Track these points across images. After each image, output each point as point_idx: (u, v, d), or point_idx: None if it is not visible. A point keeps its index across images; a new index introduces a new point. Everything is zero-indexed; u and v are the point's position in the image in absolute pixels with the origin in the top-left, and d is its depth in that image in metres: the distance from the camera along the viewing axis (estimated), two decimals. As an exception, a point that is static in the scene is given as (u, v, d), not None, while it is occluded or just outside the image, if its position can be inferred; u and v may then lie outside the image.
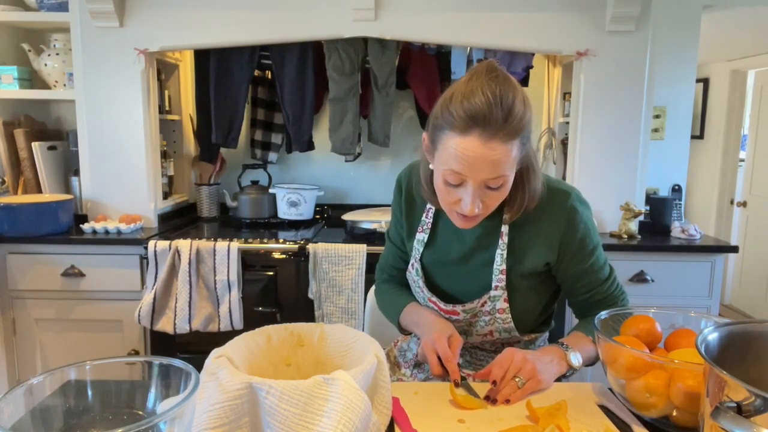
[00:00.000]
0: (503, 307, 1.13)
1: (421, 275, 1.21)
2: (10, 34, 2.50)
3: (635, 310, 1.05)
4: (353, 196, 2.90)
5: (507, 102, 0.92)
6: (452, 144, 0.95)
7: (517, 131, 0.94)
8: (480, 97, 0.92)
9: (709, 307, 2.24)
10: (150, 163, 2.41)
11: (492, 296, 1.13)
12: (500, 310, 1.13)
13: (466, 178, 0.96)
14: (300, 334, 1.01)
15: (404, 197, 1.25)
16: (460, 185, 0.98)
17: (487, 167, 0.94)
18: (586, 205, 1.15)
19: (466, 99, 0.93)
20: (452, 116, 0.94)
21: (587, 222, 1.13)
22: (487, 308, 1.14)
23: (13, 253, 2.19)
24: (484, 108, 0.91)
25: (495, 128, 0.91)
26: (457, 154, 0.94)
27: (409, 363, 1.27)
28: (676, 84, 2.71)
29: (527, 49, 2.37)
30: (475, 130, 0.92)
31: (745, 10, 2.95)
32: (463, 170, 0.95)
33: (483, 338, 1.19)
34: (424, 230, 1.21)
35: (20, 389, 0.70)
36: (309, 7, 2.29)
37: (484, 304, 1.14)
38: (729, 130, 4.38)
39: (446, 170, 0.97)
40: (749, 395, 0.64)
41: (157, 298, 2.11)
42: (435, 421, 0.93)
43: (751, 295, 4.32)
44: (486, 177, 0.95)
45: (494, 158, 0.93)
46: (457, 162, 0.95)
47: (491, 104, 0.91)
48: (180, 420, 0.66)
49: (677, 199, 2.69)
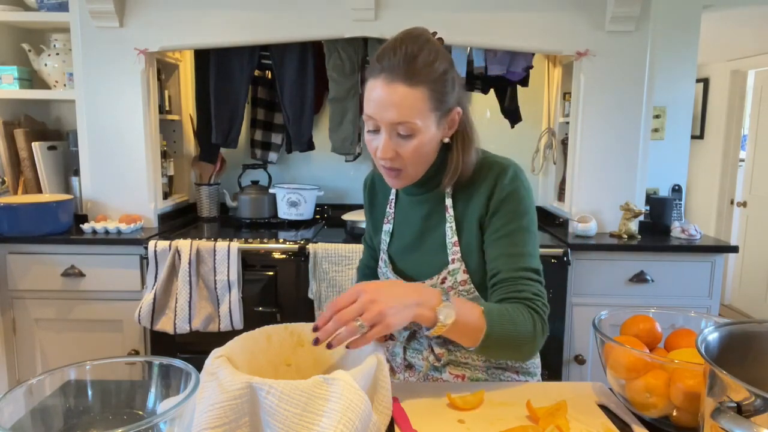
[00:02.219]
0: (464, 278, 1.13)
1: (389, 266, 1.23)
2: (10, 34, 2.50)
3: (635, 310, 1.05)
4: (353, 196, 2.90)
5: (412, 49, 0.99)
6: (366, 90, 1.03)
7: (422, 77, 0.99)
8: (389, 44, 1.01)
9: (709, 307, 2.24)
10: (150, 163, 2.41)
11: (451, 270, 1.13)
12: (462, 281, 1.13)
13: (378, 122, 1.02)
14: (300, 334, 1.01)
15: (368, 194, 1.31)
16: (377, 132, 1.04)
17: (391, 108, 0.99)
18: (520, 179, 1.10)
19: (380, 50, 1.02)
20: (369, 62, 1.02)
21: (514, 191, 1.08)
22: (449, 283, 1.13)
23: (13, 253, 2.19)
24: (389, 52, 1.00)
25: (396, 70, 0.98)
26: (368, 97, 1.03)
27: (399, 367, 1.27)
28: (676, 84, 2.71)
29: (527, 49, 2.37)
30: (381, 73, 1.00)
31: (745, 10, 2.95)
32: (372, 113, 1.02)
33: None
34: (389, 221, 1.24)
35: (20, 389, 0.70)
36: (309, 7, 2.29)
37: (444, 280, 1.14)
38: (729, 130, 4.38)
39: (364, 116, 1.05)
40: (749, 395, 0.64)
41: (157, 298, 2.11)
42: (435, 421, 0.93)
43: (751, 295, 4.32)
44: (392, 119, 1.00)
45: (396, 100, 0.99)
46: (368, 105, 1.03)
47: (396, 48, 0.99)
48: (180, 420, 0.66)
49: (677, 199, 2.69)
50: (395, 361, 1.28)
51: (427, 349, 1.20)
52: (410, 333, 1.27)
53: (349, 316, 0.87)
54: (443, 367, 1.19)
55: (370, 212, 1.32)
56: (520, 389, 1.06)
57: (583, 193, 2.41)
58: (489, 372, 1.20)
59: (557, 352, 2.23)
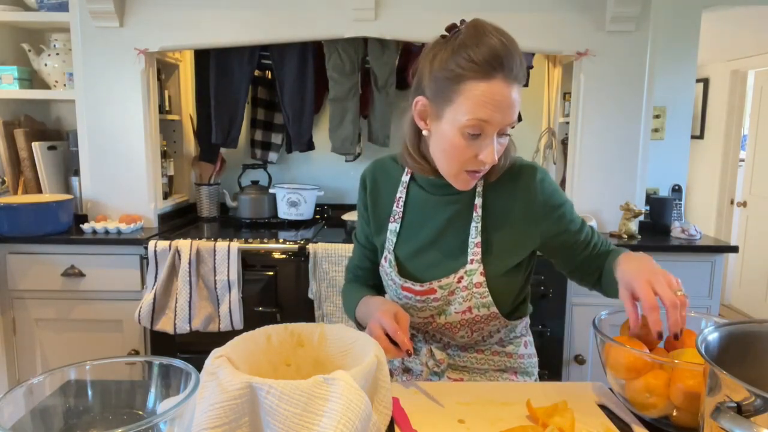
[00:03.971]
0: (480, 281, 1.11)
1: (394, 266, 1.18)
2: (10, 34, 2.50)
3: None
4: (353, 196, 2.90)
5: (516, 47, 0.97)
6: (478, 91, 0.95)
7: (523, 72, 0.98)
8: (496, 41, 0.95)
9: (709, 307, 2.24)
10: (150, 163, 2.41)
11: (468, 270, 1.11)
12: (477, 284, 1.11)
13: (487, 125, 0.97)
14: (300, 334, 1.01)
15: (369, 192, 1.24)
16: (476, 137, 0.99)
17: (510, 110, 0.97)
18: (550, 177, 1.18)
19: (484, 45, 0.95)
20: (473, 63, 0.95)
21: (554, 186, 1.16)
22: (464, 283, 1.12)
23: (13, 253, 2.19)
24: (504, 50, 0.95)
25: (514, 71, 0.96)
26: (485, 101, 0.95)
27: (397, 370, 1.26)
28: (676, 84, 2.71)
29: (527, 49, 2.37)
30: (499, 74, 0.95)
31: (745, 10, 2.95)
32: (490, 116, 0.96)
33: (461, 316, 1.15)
34: (396, 220, 1.19)
35: (20, 389, 0.70)
36: (309, 7, 2.29)
37: (460, 279, 1.12)
38: (729, 130, 4.39)
39: (470, 120, 0.97)
40: (749, 395, 0.64)
41: (157, 298, 2.11)
42: (435, 421, 0.93)
43: (751, 295, 4.32)
44: (510, 120, 0.98)
45: (515, 101, 0.97)
46: (483, 108, 0.96)
47: (508, 48, 0.95)
48: (180, 420, 0.66)
49: (677, 199, 2.69)
50: (392, 364, 1.28)
51: (427, 354, 1.20)
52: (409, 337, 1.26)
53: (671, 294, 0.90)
54: (442, 372, 1.18)
55: (372, 212, 1.24)
56: (520, 389, 1.06)
57: (583, 193, 2.41)
58: (488, 375, 1.19)
59: (557, 352, 2.23)
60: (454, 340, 1.20)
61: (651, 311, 0.90)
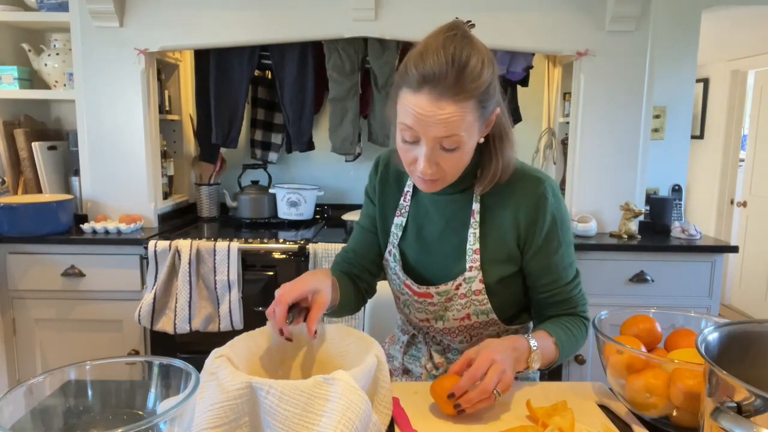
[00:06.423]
0: (479, 288, 1.10)
1: (399, 260, 1.17)
2: (10, 34, 2.50)
3: (635, 310, 1.05)
4: (353, 196, 2.90)
5: (460, 62, 0.90)
6: (406, 101, 0.94)
7: (471, 91, 0.92)
8: (432, 56, 0.91)
9: (709, 307, 2.24)
10: (150, 163, 2.40)
11: (467, 278, 1.10)
12: (476, 291, 1.10)
13: (420, 135, 0.95)
14: (300, 335, 1.01)
15: (379, 177, 1.22)
16: (416, 143, 0.98)
17: (437, 125, 0.92)
18: (558, 198, 1.09)
19: (420, 57, 0.92)
20: (407, 74, 0.94)
21: (555, 214, 1.08)
22: (462, 290, 1.11)
23: (13, 253, 2.19)
24: (434, 67, 0.90)
25: (444, 87, 0.90)
26: (410, 111, 0.94)
27: (397, 370, 1.26)
28: (676, 84, 2.71)
29: (527, 49, 2.37)
30: (425, 88, 0.91)
31: (745, 10, 2.95)
32: (414, 126, 0.94)
33: (460, 322, 1.15)
34: (402, 214, 1.18)
35: (20, 389, 0.70)
36: (309, 7, 2.29)
37: (459, 286, 1.11)
38: (729, 130, 4.38)
39: (402, 125, 0.97)
40: (749, 395, 0.64)
41: (157, 298, 2.11)
42: (435, 421, 0.93)
43: (751, 295, 4.32)
44: (437, 135, 0.93)
45: (443, 117, 0.91)
46: (409, 118, 0.94)
47: (442, 63, 0.90)
48: (180, 420, 0.66)
49: (677, 199, 2.69)
50: (392, 364, 1.28)
51: (426, 356, 1.20)
52: (408, 339, 1.26)
53: (491, 388, 0.92)
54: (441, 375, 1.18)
55: (379, 197, 1.22)
56: (520, 389, 1.06)
57: (583, 193, 2.41)
58: None
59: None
60: (453, 345, 1.20)
61: (468, 380, 0.93)
